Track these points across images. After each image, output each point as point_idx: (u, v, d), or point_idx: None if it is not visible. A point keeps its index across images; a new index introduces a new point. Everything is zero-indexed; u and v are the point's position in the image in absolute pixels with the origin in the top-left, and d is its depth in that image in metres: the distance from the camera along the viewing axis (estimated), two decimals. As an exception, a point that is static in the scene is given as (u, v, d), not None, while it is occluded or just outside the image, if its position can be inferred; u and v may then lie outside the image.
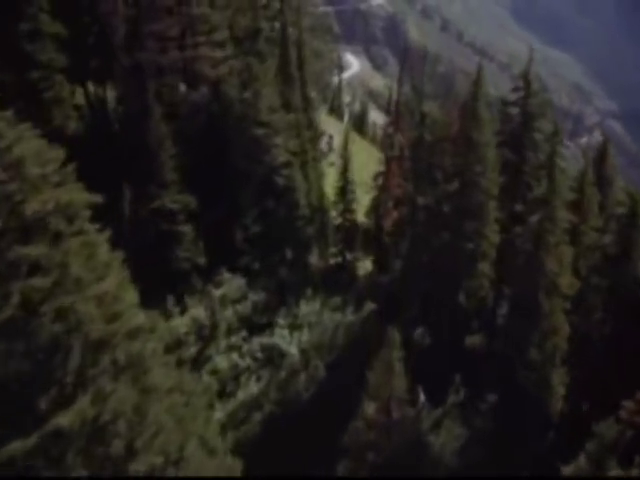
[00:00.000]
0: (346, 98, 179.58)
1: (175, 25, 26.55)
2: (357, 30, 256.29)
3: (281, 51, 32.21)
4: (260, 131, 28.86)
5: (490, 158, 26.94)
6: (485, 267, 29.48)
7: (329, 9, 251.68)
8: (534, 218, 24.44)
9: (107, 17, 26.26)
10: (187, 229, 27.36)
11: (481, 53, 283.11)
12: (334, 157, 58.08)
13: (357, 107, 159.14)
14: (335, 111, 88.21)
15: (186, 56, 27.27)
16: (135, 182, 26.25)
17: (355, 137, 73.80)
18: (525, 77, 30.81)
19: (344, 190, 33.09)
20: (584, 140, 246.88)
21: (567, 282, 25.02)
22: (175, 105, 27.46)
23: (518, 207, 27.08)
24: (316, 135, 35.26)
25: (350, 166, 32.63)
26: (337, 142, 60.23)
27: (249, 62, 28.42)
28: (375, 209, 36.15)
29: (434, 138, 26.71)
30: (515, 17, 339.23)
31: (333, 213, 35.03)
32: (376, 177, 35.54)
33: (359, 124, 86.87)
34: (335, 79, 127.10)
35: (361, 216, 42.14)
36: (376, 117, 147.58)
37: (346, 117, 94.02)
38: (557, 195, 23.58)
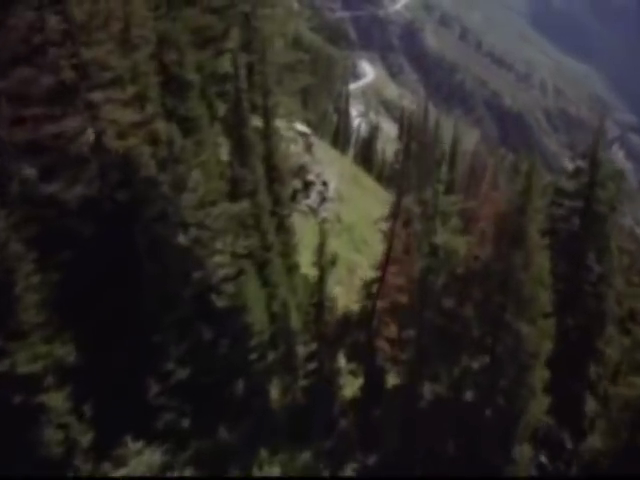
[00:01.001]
0: (359, 107, 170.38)
1: (38, 78, 16.51)
2: (374, 37, 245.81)
3: (233, 105, 22.22)
4: (186, 238, 18.92)
5: (543, 300, 16.74)
6: (526, 450, 19.33)
7: (346, 14, 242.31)
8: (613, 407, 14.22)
9: None
10: (57, 398, 17.39)
11: (499, 62, 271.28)
12: (329, 207, 48.15)
13: (370, 119, 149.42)
14: (340, 136, 77.81)
15: (67, 127, 17.28)
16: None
17: (359, 175, 63.59)
18: (592, 157, 20.64)
19: (320, 308, 22.90)
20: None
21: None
22: (47, 201, 17.50)
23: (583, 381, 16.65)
24: (288, 222, 25.12)
25: (327, 278, 22.33)
26: (334, 187, 50.20)
27: (171, 133, 18.43)
28: (367, 319, 26.04)
29: (451, 277, 16.63)
30: (534, 25, 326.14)
31: (304, 332, 24.43)
32: (368, 285, 25.46)
33: (366, 153, 76.37)
34: (345, 89, 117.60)
35: (353, 302, 32.12)
36: (389, 129, 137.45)
37: (352, 143, 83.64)
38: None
